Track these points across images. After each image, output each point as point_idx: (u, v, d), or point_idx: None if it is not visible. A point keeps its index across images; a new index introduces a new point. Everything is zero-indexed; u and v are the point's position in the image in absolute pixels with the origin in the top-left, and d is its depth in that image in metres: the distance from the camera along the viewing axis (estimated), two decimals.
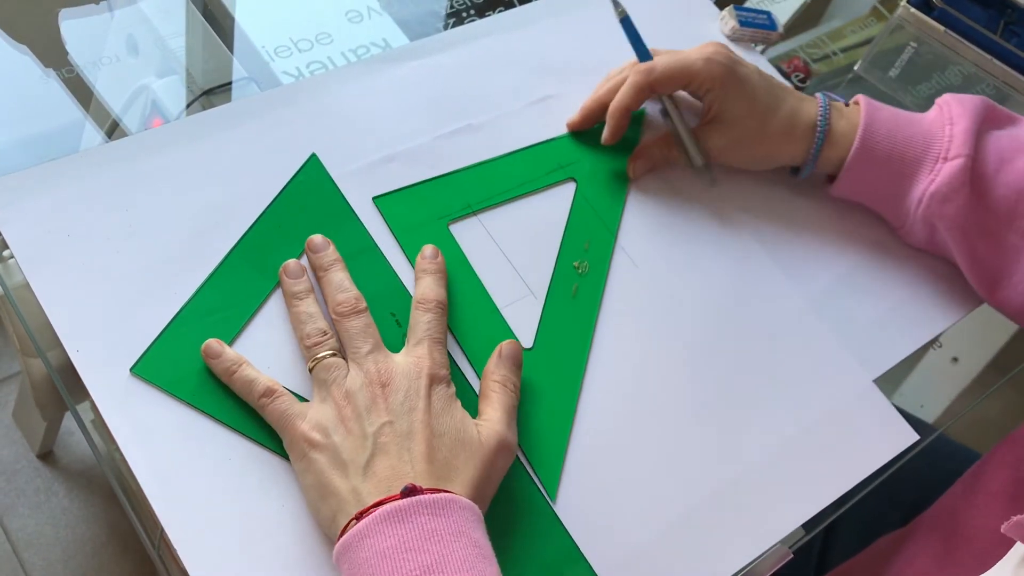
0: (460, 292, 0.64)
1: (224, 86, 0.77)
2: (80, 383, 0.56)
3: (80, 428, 0.61)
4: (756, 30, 0.86)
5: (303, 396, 0.57)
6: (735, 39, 0.86)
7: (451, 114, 0.72)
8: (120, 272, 0.59)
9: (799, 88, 0.91)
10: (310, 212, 0.64)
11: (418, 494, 0.50)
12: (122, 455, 0.54)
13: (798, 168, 0.75)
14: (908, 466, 0.69)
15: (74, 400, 0.60)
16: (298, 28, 0.79)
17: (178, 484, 0.53)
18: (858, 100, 0.74)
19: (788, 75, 0.91)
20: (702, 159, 0.72)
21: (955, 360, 1.46)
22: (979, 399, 0.78)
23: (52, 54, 0.76)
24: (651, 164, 0.73)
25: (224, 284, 0.60)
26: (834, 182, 0.74)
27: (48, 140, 0.74)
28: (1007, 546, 0.54)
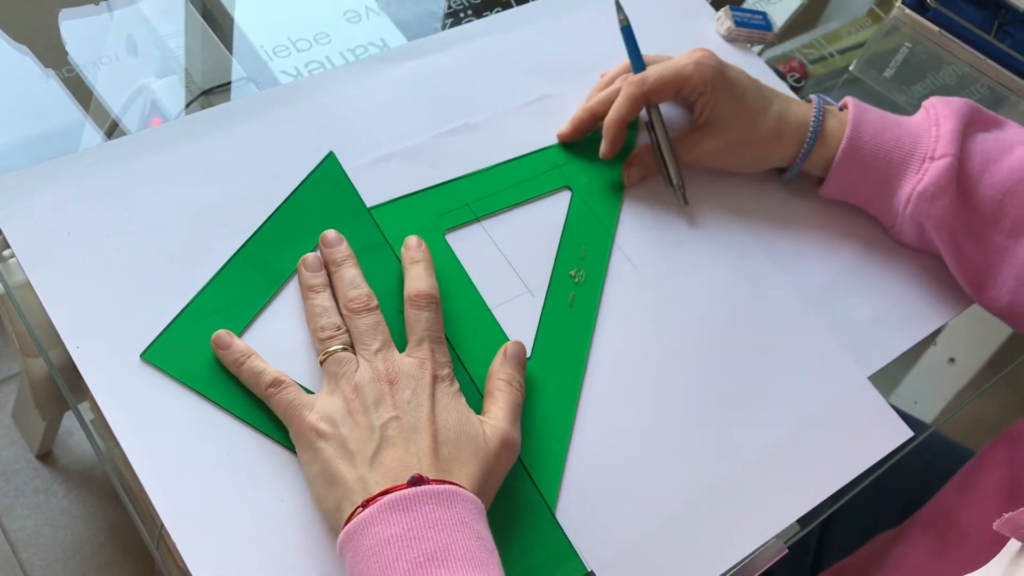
0: (456, 302, 0.64)
1: (223, 86, 0.77)
2: (80, 383, 0.57)
3: (80, 424, 0.61)
4: (752, 30, 0.86)
5: (311, 390, 0.57)
6: (731, 39, 0.86)
7: (449, 113, 0.73)
8: (120, 270, 0.59)
9: (795, 89, 0.91)
10: (324, 208, 0.65)
11: (425, 484, 0.50)
12: (122, 452, 0.54)
13: (784, 169, 0.76)
14: (904, 464, 0.69)
15: (74, 399, 0.61)
16: (297, 28, 0.79)
17: (178, 480, 0.54)
18: (847, 103, 0.74)
19: (784, 75, 0.92)
20: (678, 178, 0.72)
21: (952, 361, 1.47)
22: (972, 396, 0.78)
23: (52, 54, 0.76)
24: (645, 171, 0.73)
25: (236, 275, 0.61)
26: (823, 183, 0.75)
27: (48, 140, 0.74)
28: (1001, 543, 0.55)
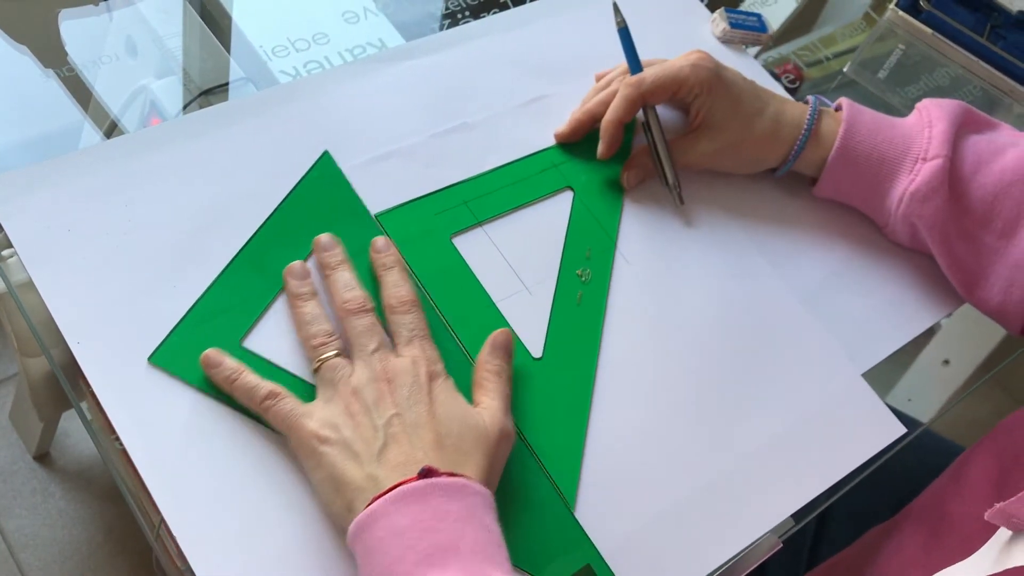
0: (466, 304, 0.64)
1: (222, 86, 0.78)
2: (79, 383, 0.57)
3: (80, 419, 0.62)
4: (747, 32, 0.87)
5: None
6: (726, 41, 0.87)
7: (446, 113, 0.73)
8: (120, 266, 0.60)
9: (789, 90, 0.92)
10: (322, 208, 0.65)
11: (435, 476, 0.51)
12: (122, 447, 0.55)
13: (777, 168, 0.76)
14: (898, 462, 0.70)
15: (75, 397, 0.61)
16: (295, 28, 0.79)
17: (179, 475, 0.54)
18: (841, 103, 0.75)
19: (779, 77, 0.92)
20: (674, 178, 0.73)
21: (946, 363, 1.48)
22: (966, 393, 0.79)
23: (52, 54, 0.77)
24: (644, 174, 0.74)
25: (238, 278, 0.61)
26: (817, 182, 0.75)
27: (47, 140, 0.74)
28: (991, 532, 0.55)
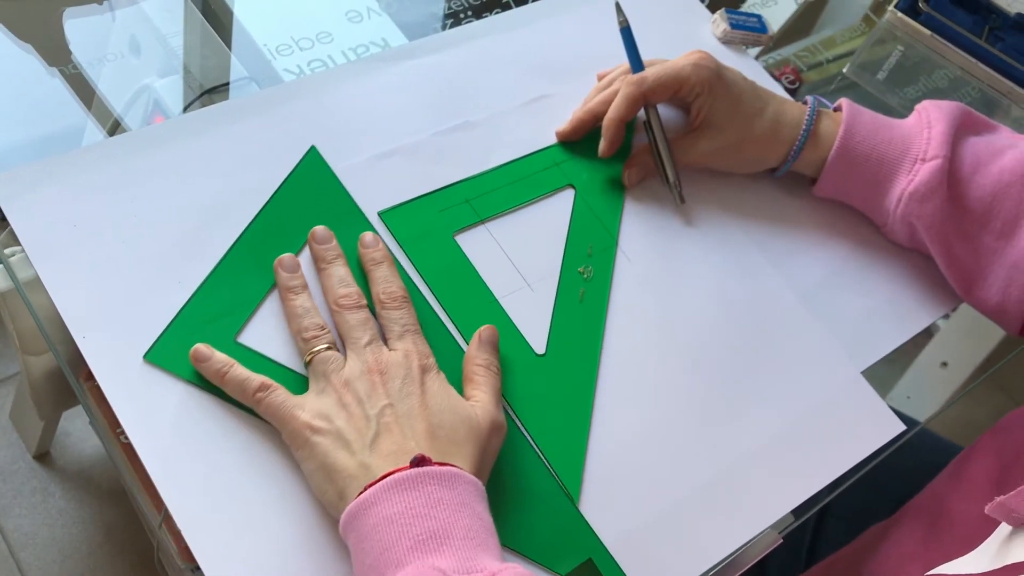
0: (469, 301, 0.65)
1: (225, 85, 0.78)
2: (81, 380, 0.57)
3: (85, 409, 0.62)
4: (747, 33, 0.87)
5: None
6: (726, 42, 0.87)
7: (449, 112, 0.74)
8: (125, 262, 0.60)
9: (789, 91, 0.92)
10: (311, 203, 0.66)
11: (427, 464, 0.51)
12: (126, 441, 0.55)
13: (776, 168, 0.76)
14: (897, 461, 0.70)
15: (75, 397, 0.61)
16: (299, 27, 0.80)
17: (182, 467, 0.54)
18: (841, 104, 0.75)
19: (778, 79, 0.93)
20: (674, 177, 0.73)
21: (944, 365, 1.48)
22: (964, 392, 0.80)
23: (56, 53, 0.77)
24: (645, 172, 0.74)
25: (230, 274, 0.61)
26: (816, 182, 0.76)
27: (51, 139, 0.75)
28: (990, 528, 0.56)
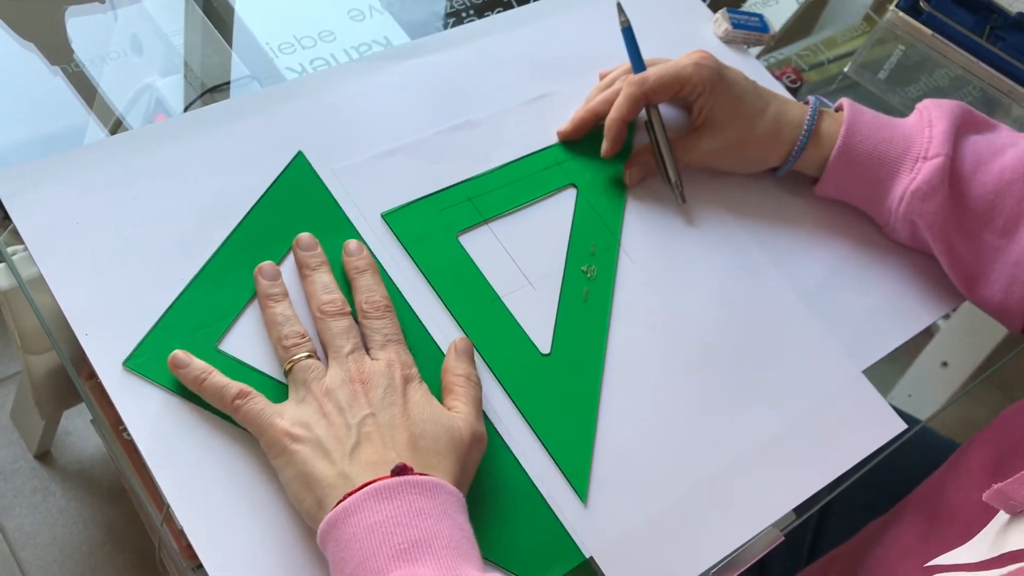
0: (473, 302, 0.65)
1: (227, 84, 0.78)
2: (82, 378, 0.57)
3: (87, 404, 0.62)
4: (749, 32, 0.87)
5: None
6: (728, 41, 0.87)
7: (451, 110, 0.74)
8: (128, 259, 0.60)
9: (790, 90, 0.92)
10: (297, 208, 0.65)
11: (408, 474, 0.50)
12: (128, 439, 0.55)
13: (778, 167, 0.76)
14: (898, 459, 0.70)
15: (76, 396, 0.61)
16: (302, 26, 0.80)
17: (184, 463, 0.54)
18: (842, 104, 0.76)
19: (779, 78, 0.93)
20: (676, 176, 0.73)
21: (944, 364, 1.48)
22: (965, 391, 0.80)
23: (58, 52, 0.77)
24: (646, 172, 0.74)
25: (212, 281, 0.61)
26: (818, 182, 0.76)
27: (53, 137, 0.75)
28: (988, 518, 0.56)
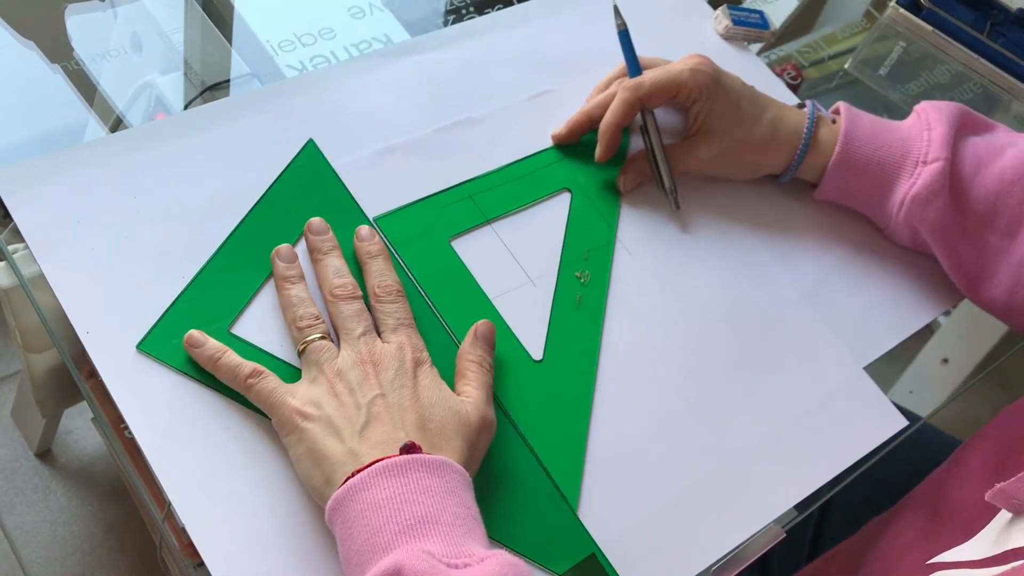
0: (465, 307, 0.65)
1: (226, 82, 0.78)
2: (82, 376, 0.57)
3: (88, 402, 0.62)
4: (749, 29, 0.87)
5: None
6: (728, 38, 0.87)
7: (451, 107, 0.74)
8: (129, 256, 0.60)
9: (791, 87, 0.92)
10: (308, 195, 0.66)
11: (416, 452, 0.51)
12: (130, 436, 0.55)
13: (778, 175, 0.76)
14: (900, 456, 0.70)
15: (76, 394, 0.61)
16: (302, 23, 0.80)
17: (185, 461, 0.54)
18: (839, 108, 0.75)
19: (779, 74, 0.93)
20: (670, 183, 0.73)
21: (945, 361, 1.48)
22: (965, 387, 0.80)
23: (58, 49, 0.77)
24: (640, 178, 0.74)
25: (225, 266, 0.61)
26: (817, 187, 0.76)
27: (53, 135, 0.75)
28: (990, 516, 0.56)
